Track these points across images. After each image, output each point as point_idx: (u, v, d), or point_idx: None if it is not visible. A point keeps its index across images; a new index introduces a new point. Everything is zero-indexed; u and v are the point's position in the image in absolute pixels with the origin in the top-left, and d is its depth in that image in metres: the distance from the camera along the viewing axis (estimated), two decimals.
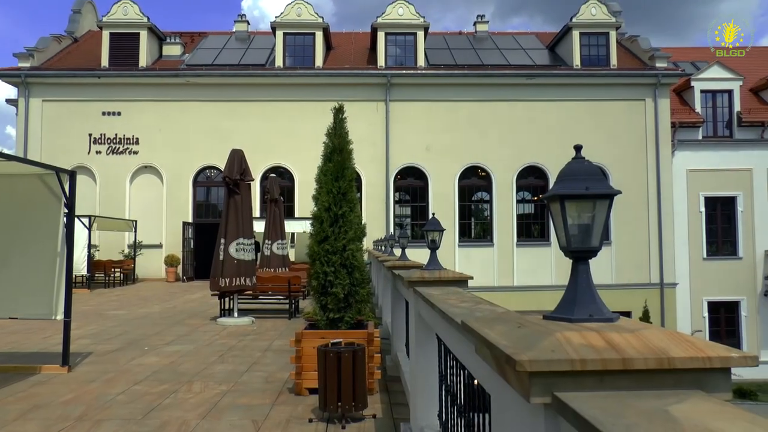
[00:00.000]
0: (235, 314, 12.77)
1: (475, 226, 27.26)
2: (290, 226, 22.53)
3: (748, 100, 29.62)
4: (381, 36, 27.44)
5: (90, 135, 26.07)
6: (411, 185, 26.80)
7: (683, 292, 27.25)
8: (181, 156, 25.94)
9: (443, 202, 25.98)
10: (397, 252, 10.23)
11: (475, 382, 2.66)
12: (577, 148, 1.93)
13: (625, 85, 27.14)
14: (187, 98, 26.18)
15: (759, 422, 1.25)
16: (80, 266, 20.45)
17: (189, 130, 26.02)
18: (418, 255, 11.04)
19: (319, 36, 27.29)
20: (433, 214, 6.50)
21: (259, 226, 19.17)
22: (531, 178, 26.95)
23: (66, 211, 8.24)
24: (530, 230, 27.14)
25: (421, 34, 27.58)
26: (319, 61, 27.05)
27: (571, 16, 28.16)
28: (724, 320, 28.11)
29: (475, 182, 26.94)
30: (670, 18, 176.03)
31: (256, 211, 23.94)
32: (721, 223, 28.34)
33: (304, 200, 24.37)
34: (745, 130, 28.69)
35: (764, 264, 28.09)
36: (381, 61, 27.18)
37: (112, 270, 22.80)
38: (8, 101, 30.19)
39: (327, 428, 5.57)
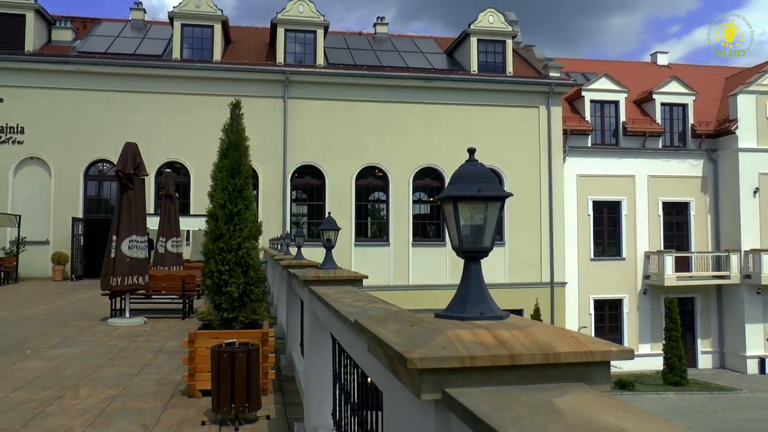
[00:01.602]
0: (127, 314, 12.30)
1: (372, 226, 27.48)
2: (185, 224, 21.91)
3: (632, 111, 31.37)
4: (281, 32, 27.14)
5: None
6: (308, 184, 26.67)
7: (572, 291, 28.56)
8: (71, 148, 24.63)
9: (340, 202, 26.00)
10: (293, 251, 10.18)
11: (369, 380, 2.68)
12: (471, 151, 1.98)
13: (520, 92, 28.11)
14: (78, 87, 24.89)
15: (632, 410, 1.33)
16: None
17: (80, 120, 24.75)
18: (315, 254, 11.02)
19: (218, 29, 26.69)
20: (329, 213, 6.51)
21: (153, 223, 18.57)
22: (427, 179, 27.43)
23: None
24: (426, 230, 27.62)
25: (320, 32, 27.50)
26: (217, 54, 26.45)
27: (469, 23, 28.88)
28: (608, 317, 29.69)
29: (372, 182, 27.13)
30: (563, 30, 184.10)
31: (150, 208, 23.10)
32: (607, 225, 29.92)
33: (200, 197, 23.74)
34: (629, 139, 30.37)
35: (644, 264, 29.86)
36: (280, 57, 26.89)
37: None
38: None
39: (220, 430, 5.46)
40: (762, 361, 29.17)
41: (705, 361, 30.40)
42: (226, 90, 24.32)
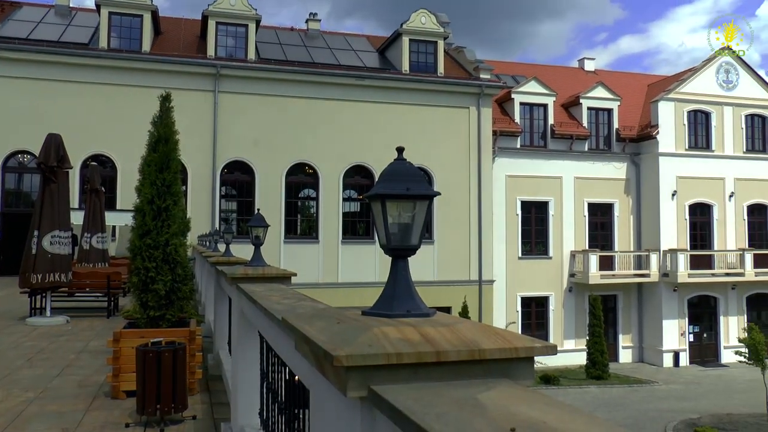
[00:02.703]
0: (48, 313, 11.83)
1: (302, 223, 27.30)
2: (111, 219, 21.21)
3: (560, 114, 32.21)
4: (212, 25, 26.62)
5: None
6: (238, 180, 26.28)
7: (500, 288, 29.11)
8: None
9: (270, 198, 25.69)
10: (222, 248, 10.07)
11: (296, 378, 2.67)
12: (399, 150, 1.99)
13: (451, 92, 28.42)
14: None
15: (553, 404, 1.37)
16: None
17: None
18: (244, 251, 10.87)
19: (148, 18, 25.95)
20: (258, 210, 6.44)
21: (77, 218, 17.91)
22: (357, 177, 27.40)
23: None
24: (356, 228, 27.62)
25: (252, 26, 27.11)
26: (146, 45, 25.73)
27: (402, 23, 28.98)
28: (534, 314, 30.41)
29: (302, 179, 26.95)
30: (494, 34, 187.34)
31: (75, 202, 22.30)
32: (534, 225, 30.64)
33: (127, 191, 22.93)
34: (557, 142, 31.18)
35: (569, 263, 30.72)
36: (211, 50, 26.38)
37: None
38: None
39: None
40: (676, 355, 30.51)
41: (625, 355, 31.56)
42: (156, 82, 23.65)
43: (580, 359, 28.07)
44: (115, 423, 5.58)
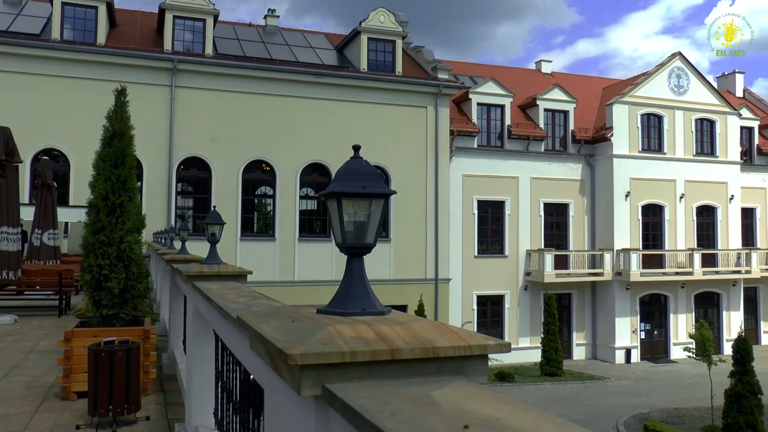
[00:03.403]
0: None
1: (258, 221, 27.06)
2: (64, 215, 20.72)
3: (517, 115, 32.58)
4: (169, 18, 26.17)
5: None
6: (195, 176, 25.89)
7: (456, 287, 29.30)
8: None
9: (226, 195, 25.36)
10: (178, 245, 9.94)
11: (251, 377, 2.65)
12: (356, 148, 1.99)
13: (409, 92, 28.47)
14: None
15: (507, 401, 1.39)
16: None
17: None
18: (199, 248, 10.76)
19: (103, 10, 25.38)
20: (215, 207, 6.38)
21: (27, 214, 17.47)
22: (315, 174, 27.27)
23: None
24: (312, 226, 27.49)
25: (210, 21, 26.74)
26: (101, 37, 25.17)
27: (361, 21, 28.94)
28: (490, 312, 30.72)
29: (259, 176, 26.69)
30: (452, 34, 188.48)
31: (25, 197, 21.71)
32: (491, 224, 30.93)
33: (81, 187, 22.47)
34: (514, 142, 31.52)
35: (525, 262, 31.11)
36: (168, 44, 25.93)
37: None
38: None
39: None
40: (628, 351, 31.19)
41: (579, 352, 32.12)
42: (111, 75, 23.16)
43: (535, 356, 28.48)
44: (65, 425, 5.45)
